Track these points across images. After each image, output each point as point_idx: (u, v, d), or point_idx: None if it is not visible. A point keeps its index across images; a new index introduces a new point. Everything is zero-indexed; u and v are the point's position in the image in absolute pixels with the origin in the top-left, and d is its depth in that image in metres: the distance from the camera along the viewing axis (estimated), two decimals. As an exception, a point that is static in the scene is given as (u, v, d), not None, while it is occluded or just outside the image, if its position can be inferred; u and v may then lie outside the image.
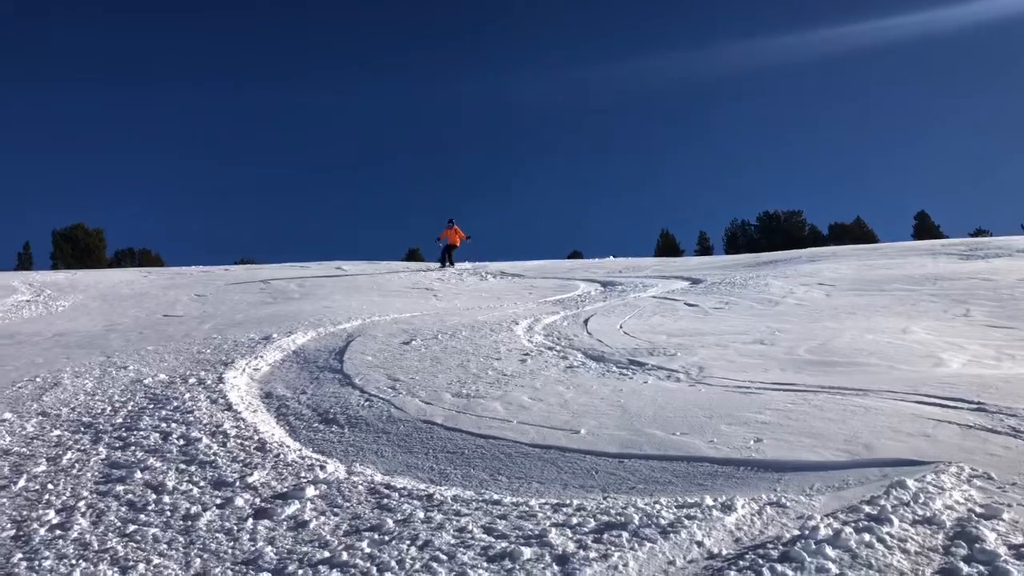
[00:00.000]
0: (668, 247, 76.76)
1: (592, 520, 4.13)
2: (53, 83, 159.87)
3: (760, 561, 3.46)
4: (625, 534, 3.89)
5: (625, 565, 3.59)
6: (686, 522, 4.00)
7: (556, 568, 3.59)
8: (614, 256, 35.06)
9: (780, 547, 3.59)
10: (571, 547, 3.79)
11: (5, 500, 5.28)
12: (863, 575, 3.28)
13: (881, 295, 13.63)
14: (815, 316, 11.48)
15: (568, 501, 4.49)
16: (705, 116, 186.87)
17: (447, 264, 27.95)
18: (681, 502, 4.33)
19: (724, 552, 3.66)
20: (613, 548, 3.75)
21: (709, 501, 4.28)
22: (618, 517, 4.13)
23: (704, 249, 79.87)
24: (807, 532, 3.70)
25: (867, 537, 3.60)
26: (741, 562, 3.49)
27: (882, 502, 4.05)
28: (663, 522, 4.01)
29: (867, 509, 3.97)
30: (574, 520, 4.15)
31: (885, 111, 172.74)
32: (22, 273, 33.41)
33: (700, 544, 3.77)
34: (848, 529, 3.68)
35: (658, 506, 4.26)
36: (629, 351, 9.08)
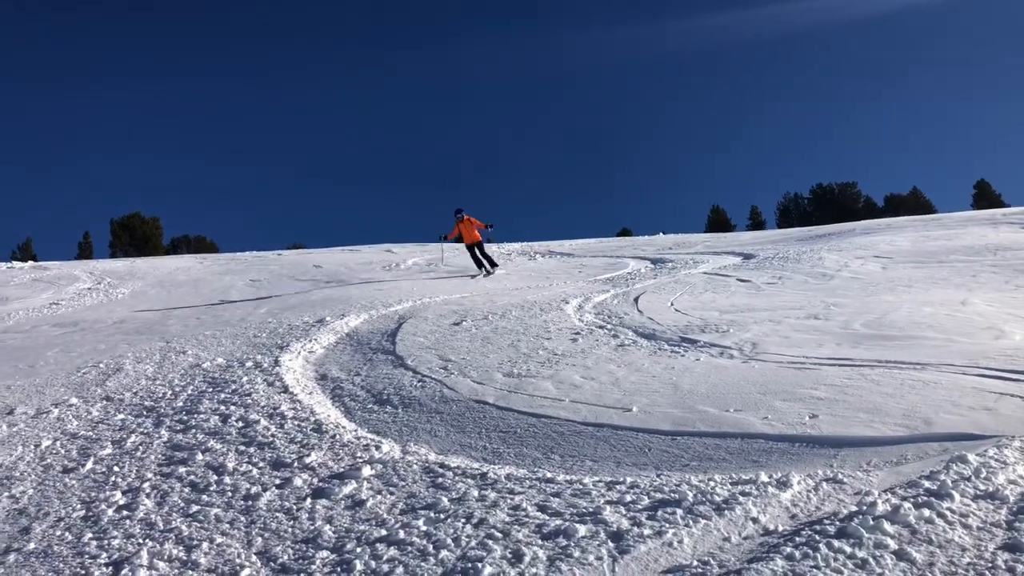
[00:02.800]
0: (719, 222, 75.84)
1: (646, 497, 4.13)
2: (104, 78, 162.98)
3: (817, 537, 3.43)
4: (679, 511, 3.89)
5: (680, 542, 3.59)
6: (741, 499, 3.97)
7: (611, 545, 3.60)
8: (664, 233, 34.83)
9: (837, 523, 3.55)
10: (625, 524, 3.80)
11: (74, 482, 5.47)
12: (923, 551, 3.23)
13: (939, 267, 13.32)
14: (871, 289, 11.27)
15: (622, 479, 4.49)
16: (755, 85, 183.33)
17: (483, 268, 19.14)
18: (736, 479, 4.30)
19: (780, 528, 3.64)
20: (667, 525, 3.75)
21: (764, 478, 4.24)
22: (672, 494, 4.13)
23: (756, 224, 78.69)
24: (865, 508, 3.65)
25: (927, 512, 3.54)
26: (797, 538, 3.46)
27: (942, 477, 3.97)
28: (717, 499, 4.00)
29: (927, 484, 3.91)
30: (628, 497, 4.16)
31: (941, 76, 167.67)
32: (83, 262, 34.30)
33: (755, 520, 3.74)
34: (907, 505, 3.63)
35: (712, 483, 4.25)
36: (681, 328, 9.02)
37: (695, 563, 3.37)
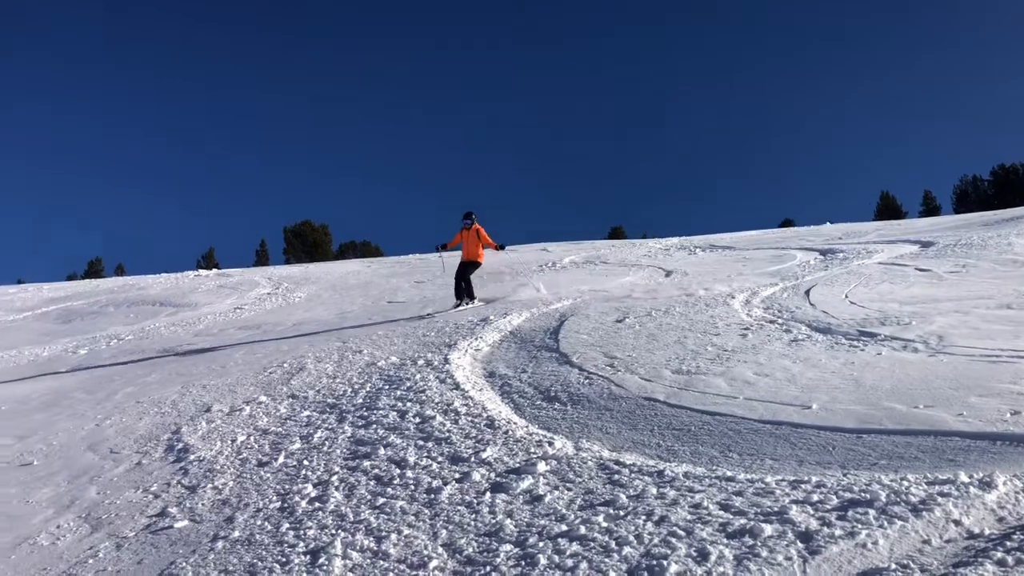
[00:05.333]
0: (889, 209, 71.67)
1: (834, 497, 3.97)
2: (272, 96, 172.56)
3: (1031, 542, 3.19)
4: (872, 512, 3.71)
5: (875, 543, 3.42)
6: (939, 499, 3.75)
7: (800, 545, 3.48)
8: (830, 222, 33.37)
9: (1053, 528, 3.30)
10: (814, 524, 3.66)
11: (268, 475, 5.84)
12: None
13: None
14: (1071, 276, 10.38)
15: (806, 478, 4.34)
16: (924, 57, 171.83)
17: (464, 298, 14.77)
18: (931, 479, 4.06)
19: (986, 532, 3.41)
20: (860, 526, 3.59)
21: (964, 478, 3.99)
22: (862, 494, 3.94)
23: (930, 209, 73.86)
24: (1085, 512, 3.37)
25: None
26: (1008, 543, 3.23)
27: None
28: (913, 499, 3.79)
29: None
30: (814, 497, 4.00)
31: None
32: (261, 268, 36.56)
33: (957, 523, 3.53)
34: None
35: (906, 483, 4.02)
36: (858, 321, 8.61)
37: (893, 566, 3.22)
